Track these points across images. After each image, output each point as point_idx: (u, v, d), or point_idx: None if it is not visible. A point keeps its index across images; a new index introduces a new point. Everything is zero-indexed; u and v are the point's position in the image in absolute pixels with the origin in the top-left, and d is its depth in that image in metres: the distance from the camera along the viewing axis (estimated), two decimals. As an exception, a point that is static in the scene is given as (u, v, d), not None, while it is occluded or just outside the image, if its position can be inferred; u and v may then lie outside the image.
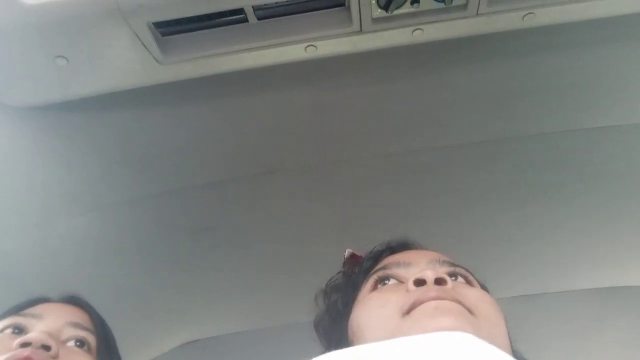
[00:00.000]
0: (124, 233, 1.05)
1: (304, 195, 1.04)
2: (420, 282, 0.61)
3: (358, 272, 0.75)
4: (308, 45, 0.78)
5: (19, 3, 0.67)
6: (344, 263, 0.82)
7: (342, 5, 0.74)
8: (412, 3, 0.73)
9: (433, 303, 0.57)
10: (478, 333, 0.51)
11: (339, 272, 0.81)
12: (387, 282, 0.67)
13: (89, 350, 0.75)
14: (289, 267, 1.13)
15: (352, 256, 0.82)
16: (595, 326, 1.21)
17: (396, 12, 0.74)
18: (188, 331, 1.28)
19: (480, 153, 1.00)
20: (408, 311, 0.58)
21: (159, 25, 0.73)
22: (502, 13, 0.76)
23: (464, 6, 0.74)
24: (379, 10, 0.73)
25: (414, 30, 0.78)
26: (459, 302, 0.58)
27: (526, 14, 0.77)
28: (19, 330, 0.72)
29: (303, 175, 1.00)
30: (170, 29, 0.75)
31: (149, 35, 0.73)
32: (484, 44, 0.84)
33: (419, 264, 0.67)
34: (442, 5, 0.74)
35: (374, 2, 0.72)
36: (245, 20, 0.74)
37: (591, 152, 1.00)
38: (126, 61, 0.77)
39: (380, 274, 0.69)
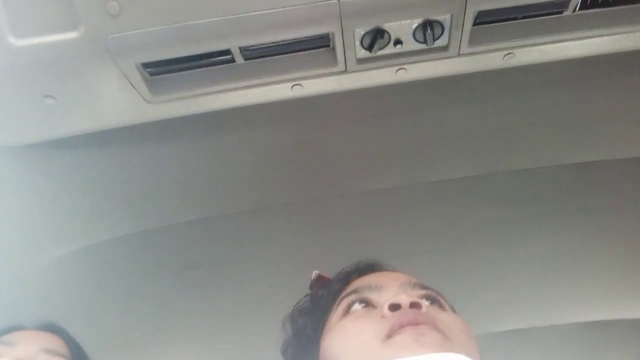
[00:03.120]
0: (109, 270, 1.05)
1: (291, 232, 1.04)
2: (395, 307, 0.60)
3: (327, 295, 0.73)
4: (294, 85, 0.80)
5: (7, 44, 0.68)
6: (311, 285, 0.79)
7: (327, 46, 0.76)
8: (395, 44, 0.75)
9: (410, 330, 0.56)
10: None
11: (306, 295, 0.78)
12: (358, 306, 0.66)
13: None
14: (277, 304, 1.12)
15: (320, 278, 0.79)
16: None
17: (380, 52, 0.76)
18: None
19: (465, 189, 1.01)
20: (387, 337, 0.57)
21: (147, 65, 0.74)
22: (482, 53, 0.78)
23: (446, 47, 0.76)
24: (363, 50, 0.75)
25: (398, 70, 0.80)
26: (435, 327, 0.57)
27: (506, 54, 0.79)
28: None
29: (290, 212, 1.01)
30: (158, 69, 0.76)
31: (137, 76, 0.74)
32: (468, 82, 0.86)
33: (390, 288, 0.66)
34: (424, 46, 0.76)
35: (358, 43, 0.74)
36: (233, 60, 0.76)
37: (575, 187, 1.01)
38: (114, 100, 0.78)
39: (353, 297, 0.67)
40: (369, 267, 0.75)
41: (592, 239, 1.09)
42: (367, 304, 0.66)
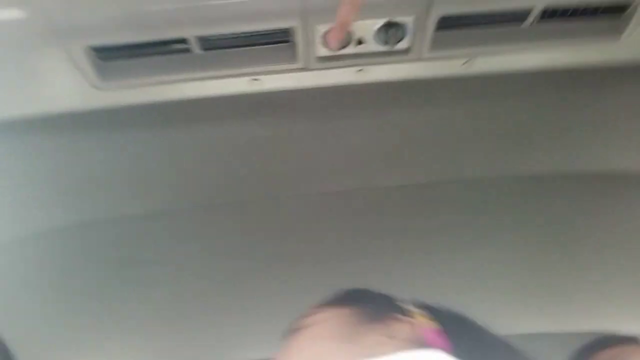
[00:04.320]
0: (47, 261, 0.99)
1: (241, 230, 1.01)
2: None
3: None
4: (252, 79, 0.78)
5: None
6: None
7: (288, 41, 0.75)
8: (357, 44, 0.75)
9: None
10: None
11: None
12: None
13: None
14: (216, 303, 1.10)
15: None
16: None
17: (341, 51, 0.74)
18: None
19: (420, 194, 1.01)
20: None
21: (97, 49, 0.71)
22: (442, 59, 0.78)
23: (407, 50, 0.75)
24: (324, 48, 0.74)
25: (358, 71, 0.79)
26: None
27: (465, 62, 0.80)
28: None
29: (241, 210, 0.98)
30: (109, 54, 0.73)
31: (85, 60, 0.70)
32: (429, 87, 0.86)
33: None
34: (386, 47, 0.75)
35: (319, 40, 0.72)
36: (189, 50, 0.73)
37: (527, 199, 1.03)
38: (60, 85, 0.74)
39: None
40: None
41: (528, 253, 1.12)
42: None
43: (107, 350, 1.17)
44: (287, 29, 0.70)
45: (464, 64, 0.80)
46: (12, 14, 0.63)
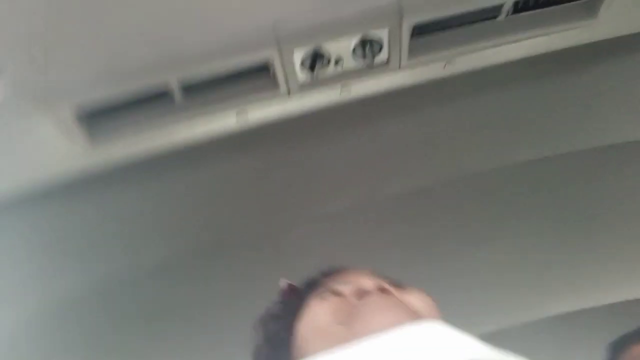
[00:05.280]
0: (69, 329, 0.99)
1: (252, 265, 1.01)
2: (362, 293, 0.59)
3: (297, 299, 0.71)
4: (238, 112, 0.78)
5: None
6: (281, 293, 0.77)
7: (268, 71, 0.75)
8: (336, 63, 0.75)
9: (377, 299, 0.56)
10: None
11: (276, 302, 0.76)
12: (329, 296, 0.64)
13: None
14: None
15: (290, 286, 0.78)
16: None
17: (321, 74, 0.75)
18: None
19: (421, 198, 1.01)
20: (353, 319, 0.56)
21: (83, 109, 0.71)
22: (423, 65, 0.78)
23: (386, 62, 0.76)
24: (304, 73, 0.74)
25: (341, 90, 0.79)
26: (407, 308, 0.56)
27: (446, 63, 0.80)
28: None
29: (251, 245, 0.98)
30: (96, 114, 0.73)
31: (72, 123, 0.70)
32: (411, 94, 0.86)
33: (357, 280, 0.65)
34: (365, 62, 0.75)
35: (298, 66, 0.73)
36: (171, 96, 0.73)
37: (536, 182, 1.03)
38: (52, 150, 0.75)
39: (321, 290, 0.66)
40: (334, 269, 0.73)
41: (549, 235, 1.11)
42: (337, 294, 0.64)
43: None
44: (265, 59, 0.71)
45: (445, 65, 0.81)
46: (-6, 89, 0.64)
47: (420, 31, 0.74)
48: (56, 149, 0.74)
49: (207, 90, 0.74)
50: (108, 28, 0.61)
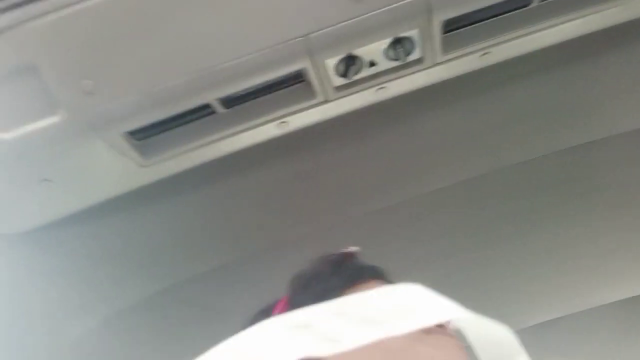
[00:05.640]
0: (137, 334, 1.05)
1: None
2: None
3: (352, 267, 0.70)
4: (279, 122, 0.81)
5: (-4, 140, 0.69)
6: (340, 255, 0.74)
7: (304, 80, 0.77)
8: (369, 66, 0.76)
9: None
10: None
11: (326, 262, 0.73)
12: None
13: None
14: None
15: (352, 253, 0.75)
16: (622, 339, 1.17)
17: (356, 77, 0.76)
18: None
19: (468, 190, 1.00)
20: None
21: (132, 132, 0.76)
22: (458, 58, 0.77)
23: (420, 59, 0.76)
24: (339, 78, 0.76)
25: (378, 90, 0.80)
26: None
27: (483, 54, 0.79)
28: None
29: (298, 245, 1.00)
30: (144, 134, 0.77)
31: (125, 144, 0.75)
32: (448, 87, 0.86)
33: None
34: (399, 62, 0.76)
35: (332, 72, 0.74)
36: (214, 112, 0.77)
37: (581, 169, 1.00)
38: (109, 171, 0.80)
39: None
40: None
41: (607, 218, 1.07)
42: None
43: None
44: (298, 70, 0.73)
45: (481, 56, 0.79)
46: (50, 120, 0.69)
47: (451, 26, 0.74)
48: (112, 170, 0.79)
49: (247, 102, 0.77)
50: (149, 56, 0.64)
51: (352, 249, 0.76)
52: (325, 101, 0.78)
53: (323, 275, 0.70)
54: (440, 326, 0.60)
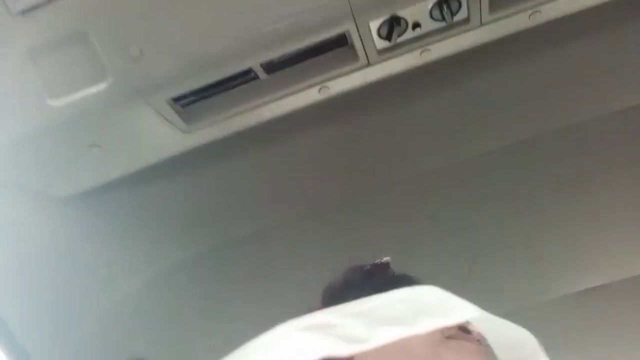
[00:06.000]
0: (180, 294, 1.09)
1: (343, 228, 1.04)
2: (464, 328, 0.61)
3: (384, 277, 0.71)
4: (321, 88, 0.80)
5: (47, 105, 0.71)
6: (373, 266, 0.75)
7: (347, 43, 0.76)
8: (413, 28, 0.74)
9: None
10: None
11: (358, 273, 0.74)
12: None
13: None
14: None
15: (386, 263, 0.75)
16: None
17: (399, 39, 0.74)
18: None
19: (508, 156, 0.98)
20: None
21: (177, 98, 0.77)
22: (507, 18, 0.75)
23: (467, 20, 0.74)
24: (382, 41, 0.74)
25: (422, 52, 0.78)
26: None
27: (532, 13, 0.76)
28: None
29: (339, 210, 1.01)
30: (188, 100, 0.78)
31: (170, 110, 0.76)
32: (495, 49, 0.83)
33: None
34: (444, 23, 0.74)
35: (375, 35, 0.73)
36: (256, 77, 0.77)
37: (602, 140, 0.96)
38: (154, 137, 0.81)
39: None
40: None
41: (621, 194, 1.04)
42: None
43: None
44: (342, 33, 0.72)
45: (531, 15, 0.77)
46: (98, 87, 0.70)
47: (500, -17, 0.71)
48: (157, 135, 0.81)
49: (289, 68, 0.77)
50: (194, 22, 0.65)
51: (385, 259, 0.77)
52: (368, 64, 0.77)
53: (355, 286, 0.71)
54: (466, 331, 0.60)
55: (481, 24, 0.74)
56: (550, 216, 1.07)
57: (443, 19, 0.72)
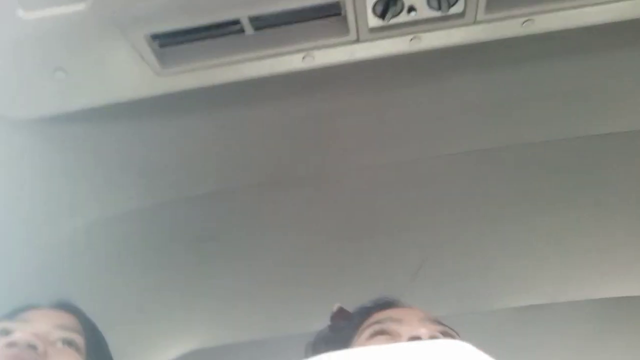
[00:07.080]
0: (124, 242, 1.06)
1: (302, 205, 1.03)
2: (415, 339, 0.62)
3: (348, 326, 0.76)
4: (305, 55, 0.78)
5: (17, 18, 0.67)
6: (332, 317, 0.83)
7: (339, 14, 0.74)
8: (408, 11, 0.73)
9: None
10: None
11: (328, 327, 0.82)
12: (380, 336, 0.68)
13: (77, 350, 0.76)
14: (290, 276, 1.13)
15: (341, 311, 0.83)
16: (600, 337, 1.19)
17: (393, 20, 0.73)
18: (189, 341, 1.27)
19: (480, 161, 0.99)
20: None
21: (156, 36, 0.74)
22: (500, 20, 0.75)
23: (462, 14, 0.73)
24: (376, 19, 0.73)
25: (412, 39, 0.77)
26: None
27: (525, 21, 0.76)
28: (6, 333, 0.73)
29: (302, 185, 1.00)
30: (167, 40, 0.75)
31: (146, 47, 0.73)
32: (483, 51, 0.83)
33: (411, 322, 0.69)
34: (439, 13, 0.73)
35: (370, 11, 0.72)
36: (242, 30, 0.74)
37: (593, 159, 0.98)
38: (125, 73, 0.78)
39: (376, 327, 0.70)
40: (388, 303, 0.77)
41: (614, 213, 1.06)
42: (389, 334, 0.68)
43: (191, 323, 1.24)
44: (336, 1, 0.70)
45: (524, 23, 0.77)
46: (76, 7, 0.67)
47: (500, -16, 0.71)
48: (128, 72, 0.77)
49: (277, 28, 0.75)
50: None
51: (336, 306, 0.83)
52: (357, 40, 0.76)
53: (336, 329, 0.78)
54: None
55: (475, 21, 0.74)
56: (508, 227, 1.09)
57: (439, 7, 0.72)
